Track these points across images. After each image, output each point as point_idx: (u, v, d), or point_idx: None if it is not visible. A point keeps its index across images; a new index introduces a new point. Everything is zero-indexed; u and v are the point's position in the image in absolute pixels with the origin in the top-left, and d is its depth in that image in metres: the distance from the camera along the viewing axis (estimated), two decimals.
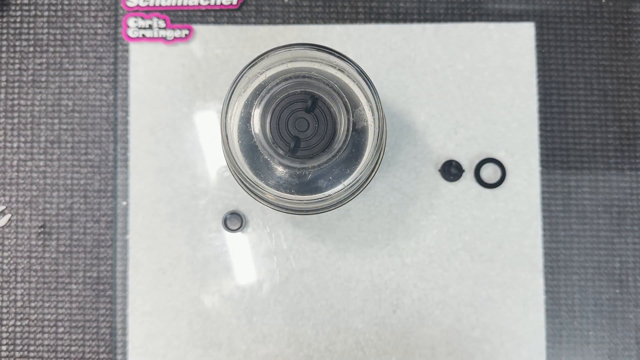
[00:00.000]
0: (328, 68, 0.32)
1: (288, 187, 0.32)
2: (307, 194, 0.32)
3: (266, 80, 0.32)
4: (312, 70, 0.32)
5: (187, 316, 0.45)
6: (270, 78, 0.32)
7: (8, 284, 0.45)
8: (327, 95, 0.32)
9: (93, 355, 0.45)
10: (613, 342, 0.46)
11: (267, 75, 0.32)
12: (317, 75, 0.32)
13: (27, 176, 0.46)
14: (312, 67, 0.32)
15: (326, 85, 0.31)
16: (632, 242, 0.46)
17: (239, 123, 0.32)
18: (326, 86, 0.31)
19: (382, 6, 0.47)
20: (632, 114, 0.47)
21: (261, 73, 0.32)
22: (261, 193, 0.32)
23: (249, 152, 0.32)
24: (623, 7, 0.48)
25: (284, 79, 0.32)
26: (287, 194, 0.32)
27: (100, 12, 0.47)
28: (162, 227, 0.45)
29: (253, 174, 0.32)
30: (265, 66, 0.32)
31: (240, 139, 0.32)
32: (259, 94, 0.32)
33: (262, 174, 0.32)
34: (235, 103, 0.32)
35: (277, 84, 0.32)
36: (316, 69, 0.32)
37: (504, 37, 0.47)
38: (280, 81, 0.32)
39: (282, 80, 0.32)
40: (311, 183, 0.32)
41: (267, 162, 0.32)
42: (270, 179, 0.32)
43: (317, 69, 0.32)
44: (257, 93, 0.32)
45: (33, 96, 0.46)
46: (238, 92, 0.32)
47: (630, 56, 0.47)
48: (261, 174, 0.32)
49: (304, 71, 0.32)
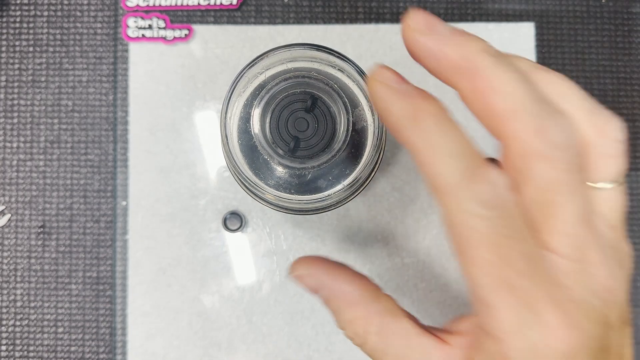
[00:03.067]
0: (328, 68, 0.32)
1: (288, 187, 0.32)
2: (307, 194, 0.32)
3: (266, 80, 0.32)
4: (312, 70, 0.32)
5: (187, 316, 0.45)
6: (270, 78, 0.32)
7: (7, 284, 0.45)
8: (326, 95, 0.32)
9: (93, 355, 0.45)
10: None
11: (267, 75, 0.32)
12: (316, 75, 0.32)
13: (27, 176, 0.46)
14: (312, 67, 0.32)
15: (326, 85, 0.31)
16: (633, 243, 0.46)
17: (238, 123, 0.32)
18: (326, 86, 0.31)
19: (382, 6, 0.47)
20: (632, 114, 0.47)
21: (261, 73, 0.32)
22: (261, 193, 0.32)
23: (248, 152, 0.32)
24: (623, 7, 0.48)
25: (283, 79, 0.32)
26: (287, 194, 0.32)
27: (100, 12, 0.47)
28: (162, 227, 0.45)
29: (253, 174, 0.32)
30: (264, 66, 0.32)
31: (239, 139, 0.32)
32: (259, 94, 0.32)
33: (262, 174, 0.32)
34: (235, 103, 0.32)
35: (276, 84, 0.32)
36: (316, 69, 0.32)
37: (504, 37, 0.47)
38: (280, 81, 0.32)
39: (282, 80, 0.32)
40: (311, 183, 0.32)
41: (267, 162, 0.32)
42: (270, 179, 0.32)
43: (317, 69, 0.32)
44: (257, 93, 0.32)
45: (33, 96, 0.46)
46: (238, 92, 0.32)
47: (630, 56, 0.47)
48: (261, 174, 0.32)
49: (304, 71, 0.32)
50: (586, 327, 0.23)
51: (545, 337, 0.22)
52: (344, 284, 0.28)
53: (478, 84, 0.23)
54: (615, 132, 0.25)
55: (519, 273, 0.22)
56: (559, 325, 0.22)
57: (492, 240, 0.22)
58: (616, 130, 0.25)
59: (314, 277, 0.29)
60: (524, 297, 0.22)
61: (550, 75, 0.25)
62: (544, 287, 0.23)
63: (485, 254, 0.22)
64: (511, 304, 0.22)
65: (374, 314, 0.27)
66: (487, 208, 0.22)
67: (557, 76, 0.25)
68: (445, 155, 0.23)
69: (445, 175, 0.22)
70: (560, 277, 0.23)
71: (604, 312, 0.24)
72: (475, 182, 0.22)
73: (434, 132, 0.23)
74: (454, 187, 0.22)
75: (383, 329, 0.27)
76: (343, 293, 0.28)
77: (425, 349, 0.26)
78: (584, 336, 0.23)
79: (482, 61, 0.23)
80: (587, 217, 0.23)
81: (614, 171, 0.25)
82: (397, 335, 0.27)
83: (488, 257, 0.22)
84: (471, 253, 0.23)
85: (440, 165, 0.23)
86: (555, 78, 0.25)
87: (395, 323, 0.27)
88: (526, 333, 0.22)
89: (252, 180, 0.32)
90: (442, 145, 0.23)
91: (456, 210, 0.22)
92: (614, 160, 0.25)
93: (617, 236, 0.25)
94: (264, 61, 0.32)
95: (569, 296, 0.23)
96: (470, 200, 0.22)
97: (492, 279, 0.22)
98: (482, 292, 0.23)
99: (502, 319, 0.23)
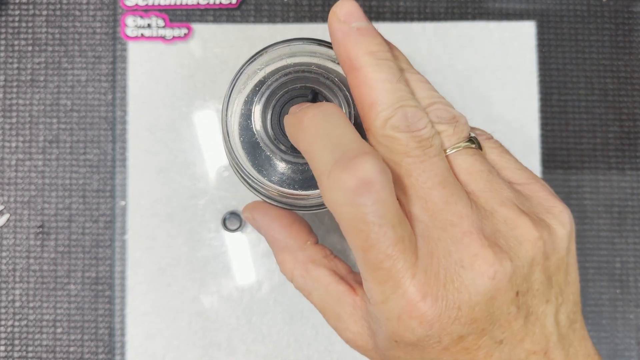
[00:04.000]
0: (327, 62, 0.32)
1: (291, 183, 0.32)
2: (310, 189, 0.32)
3: (266, 76, 0.32)
4: (312, 64, 0.32)
5: (187, 316, 0.45)
6: (270, 74, 0.32)
7: (6, 284, 0.45)
8: (327, 89, 0.32)
9: (92, 355, 0.45)
10: (613, 342, 0.46)
11: (267, 71, 0.32)
12: (316, 70, 0.32)
13: (26, 176, 0.46)
14: (312, 62, 0.32)
15: (326, 79, 0.31)
16: (633, 242, 0.46)
17: (239, 120, 0.32)
18: (326, 80, 0.31)
19: (381, 5, 0.47)
20: (633, 113, 0.47)
21: (260, 69, 0.32)
22: (264, 190, 0.32)
23: (250, 149, 0.32)
24: (624, 7, 0.48)
25: (283, 74, 0.32)
26: (290, 190, 0.32)
27: (98, 11, 0.47)
28: (161, 227, 0.45)
29: (255, 171, 0.32)
30: (264, 62, 0.32)
31: (241, 136, 0.32)
32: (259, 90, 0.32)
33: (264, 170, 0.32)
34: (235, 100, 0.32)
35: (276, 79, 0.32)
36: (316, 63, 0.32)
37: (505, 36, 0.47)
38: (280, 77, 0.32)
39: (282, 75, 0.32)
40: (314, 178, 0.32)
41: (269, 159, 0.32)
42: (273, 175, 0.32)
43: (317, 63, 0.32)
44: (257, 89, 0.32)
45: (31, 95, 0.46)
46: (238, 89, 0.32)
47: (631, 55, 0.47)
48: (263, 170, 0.32)
49: (304, 66, 0.32)
50: (443, 294, 0.26)
51: (405, 306, 0.26)
52: (276, 232, 0.33)
53: (358, 76, 0.27)
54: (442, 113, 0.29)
55: (385, 256, 0.26)
56: (413, 293, 0.26)
57: (359, 227, 0.25)
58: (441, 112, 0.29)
59: (255, 222, 0.34)
60: (387, 273, 0.26)
61: (414, 75, 0.30)
62: (404, 261, 0.26)
63: (354, 239, 0.26)
64: (377, 279, 0.26)
65: (299, 260, 0.33)
66: (354, 196, 0.25)
67: (418, 76, 0.30)
68: (318, 146, 0.26)
69: (317, 165, 0.26)
70: (419, 242, 0.27)
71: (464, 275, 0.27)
72: (345, 171, 0.25)
73: (307, 128, 0.27)
74: (324, 175, 0.26)
75: (305, 273, 0.32)
76: (275, 239, 0.33)
77: (339, 295, 0.31)
78: (443, 304, 0.26)
79: (366, 60, 0.27)
80: (442, 179, 0.27)
81: (454, 139, 0.29)
82: (317, 280, 0.32)
83: (357, 242, 0.26)
84: (345, 234, 0.26)
85: (313, 156, 0.27)
86: (415, 77, 0.30)
87: (316, 270, 0.32)
88: (389, 304, 0.26)
89: (254, 177, 0.32)
90: (314, 139, 0.27)
91: (327, 196, 0.26)
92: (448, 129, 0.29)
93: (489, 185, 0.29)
94: (264, 57, 0.32)
95: (425, 263, 0.26)
96: (336, 187, 0.25)
97: (363, 259, 0.26)
98: (360, 267, 0.27)
99: (371, 291, 0.27)
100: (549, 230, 0.28)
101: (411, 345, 0.27)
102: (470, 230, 0.27)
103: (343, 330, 0.31)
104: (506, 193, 0.28)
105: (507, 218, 0.28)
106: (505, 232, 0.27)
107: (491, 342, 0.27)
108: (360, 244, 0.26)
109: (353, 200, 0.25)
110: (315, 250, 0.33)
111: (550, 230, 0.28)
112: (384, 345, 0.28)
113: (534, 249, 0.27)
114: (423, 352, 0.27)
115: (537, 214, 0.29)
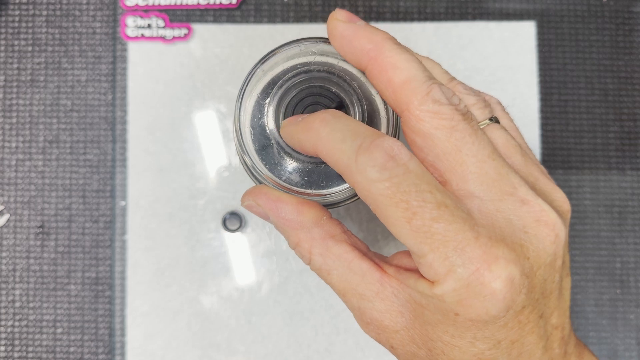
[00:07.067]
0: (341, 63, 0.32)
1: (303, 183, 0.32)
2: (326, 188, 0.32)
3: (277, 75, 0.32)
4: (324, 64, 0.32)
5: (186, 317, 0.45)
6: (282, 73, 0.32)
7: (6, 284, 0.45)
8: (339, 88, 0.32)
9: (92, 356, 0.45)
10: (614, 342, 0.46)
11: (278, 71, 0.32)
12: (329, 69, 0.32)
13: (26, 176, 0.46)
14: (324, 61, 0.32)
15: (339, 78, 0.32)
16: (633, 242, 0.46)
17: (251, 119, 0.32)
18: (339, 79, 0.32)
19: (382, 5, 0.47)
20: (633, 113, 0.47)
21: (271, 69, 0.32)
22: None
23: (261, 148, 0.32)
24: (624, 7, 0.47)
25: (295, 74, 0.32)
26: (303, 189, 0.32)
27: (98, 11, 0.47)
28: (161, 227, 0.45)
29: (267, 170, 0.32)
30: (275, 62, 0.32)
31: (252, 136, 0.32)
32: (271, 90, 0.32)
33: (277, 170, 0.32)
34: (247, 100, 0.32)
35: (288, 79, 0.32)
36: (328, 63, 0.32)
37: (505, 36, 0.47)
38: (292, 76, 0.32)
39: (294, 75, 0.32)
40: (327, 178, 0.32)
41: (282, 158, 0.32)
42: (284, 175, 0.32)
43: (329, 63, 0.32)
44: (269, 89, 0.32)
45: (31, 96, 0.46)
46: (249, 90, 0.32)
47: (631, 55, 0.47)
48: (275, 170, 0.32)
49: (317, 65, 0.32)
50: (510, 256, 0.25)
51: (475, 271, 0.25)
52: (286, 211, 0.31)
53: (381, 61, 0.27)
54: (466, 89, 0.30)
55: (432, 219, 0.25)
56: (481, 256, 0.25)
57: (398, 198, 0.25)
58: (464, 88, 0.30)
59: (259, 207, 0.31)
60: (442, 236, 0.25)
61: (429, 61, 0.31)
62: (457, 223, 0.25)
63: (396, 212, 0.25)
64: (435, 248, 0.25)
65: (317, 238, 0.30)
66: (384, 170, 0.25)
67: (432, 62, 0.32)
68: (337, 142, 0.26)
69: (341, 157, 0.26)
70: (475, 214, 0.26)
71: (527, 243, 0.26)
72: (369, 151, 0.25)
73: (321, 130, 0.27)
74: (351, 164, 0.26)
75: (325, 251, 0.30)
76: (286, 220, 0.31)
77: (363, 271, 0.29)
78: (513, 265, 0.25)
79: (385, 45, 0.28)
80: (490, 151, 0.27)
81: (486, 112, 0.30)
82: (338, 257, 0.30)
83: (400, 214, 0.25)
84: (386, 214, 0.25)
85: (335, 152, 0.26)
86: (431, 63, 0.31)
87: (336, 247, 0.30)
88: (456, 271, 0.25)
89: (268, 175, 0.32)
90: (330, 137, 0.27)
91: (360, 182, 0.25)
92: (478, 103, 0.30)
93: (524, 161, 0.29)
94: (275, 57, 0.32)
95: (488, 230, 0.25)
96: (366, 168, 0.25)
97: (411, 231, 0.25)
98: (410, 245, 0.26)
99: (431, 264, 0.25)
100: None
101: (472, 320, 0.26)
102: (527, 198, 0.27)
103: (369, 310, 0.29)
104: (538, 167, 0.29)
105: (546, 188, 0.29)
106: (550, 202, 0.28)
107: (536, 316, 0.27)
108: (402, 214, 0.25)
109: (385, 174, 0.25)
110: (332, 225, 0.30)
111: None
112: (434, 319, 0.27)
113: (568, 219, 0.28)
114: (479, 329, 0.26)
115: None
